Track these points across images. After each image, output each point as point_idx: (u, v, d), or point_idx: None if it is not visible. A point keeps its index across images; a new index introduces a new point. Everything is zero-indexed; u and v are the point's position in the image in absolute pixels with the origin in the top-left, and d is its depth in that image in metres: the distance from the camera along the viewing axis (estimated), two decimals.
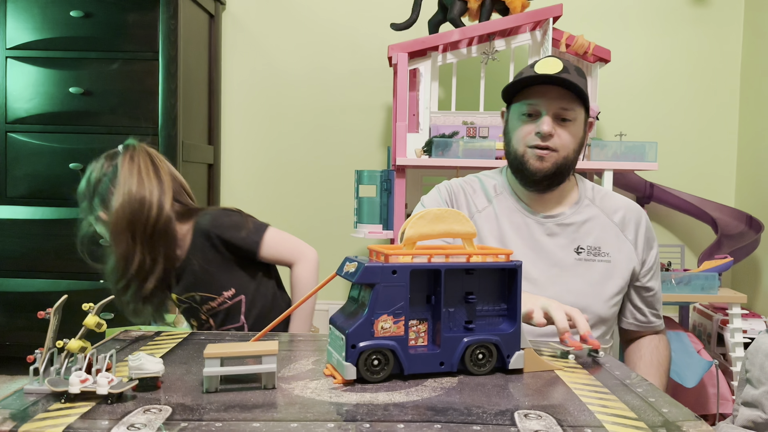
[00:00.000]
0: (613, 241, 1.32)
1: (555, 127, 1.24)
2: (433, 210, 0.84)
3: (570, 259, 1.30)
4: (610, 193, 1.40)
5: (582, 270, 1.29)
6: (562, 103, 1.23)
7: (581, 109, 1.26)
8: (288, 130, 2.66)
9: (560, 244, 1.30)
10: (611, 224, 1.33)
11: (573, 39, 2.12)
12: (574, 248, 1.30)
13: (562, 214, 1.32)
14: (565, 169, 1.27)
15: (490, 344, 0.83)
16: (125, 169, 1.28)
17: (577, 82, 1.21)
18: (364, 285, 0.82)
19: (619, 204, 1.36)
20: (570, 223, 1.31)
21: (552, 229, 1.31)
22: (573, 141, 1.26)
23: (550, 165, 1.25)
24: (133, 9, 2.20)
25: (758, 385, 1.19)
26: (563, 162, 1.26)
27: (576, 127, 1.26)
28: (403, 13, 2.34)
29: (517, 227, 1.31)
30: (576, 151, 1.28)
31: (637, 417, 0.67)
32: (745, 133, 2.51)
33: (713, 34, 2.54)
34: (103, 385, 0.68)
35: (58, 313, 0.78)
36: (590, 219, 1.32)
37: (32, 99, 2.22)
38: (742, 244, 2.21)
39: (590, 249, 1.30)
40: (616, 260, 1.30)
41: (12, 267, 2.22)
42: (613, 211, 1.34)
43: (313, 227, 2.64)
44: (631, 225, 1.33)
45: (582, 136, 1.29)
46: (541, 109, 1.24)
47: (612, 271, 1.30)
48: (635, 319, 1.37)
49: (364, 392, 0.75)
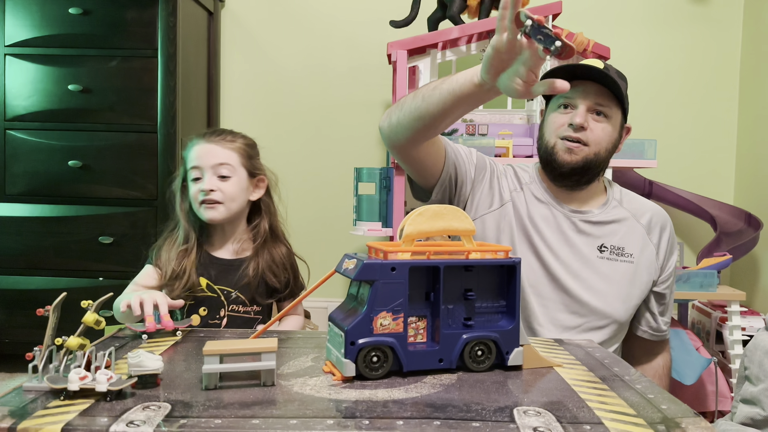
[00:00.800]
0: (638, 242, 1.31)
1: (589, 120, 1.24)
2: (432, 207, 0.84)
3: (593, 257, 1.29)
4: (638, 197, 1.40)
5: (604, 268, 1.29)
6: (599, 99, 1.24)
7: (618, 109, 1.27)
8: (287, 127, 2.65)
9: (585, 240, 1.30)
10: (638, 226, 1.33)
11: (572, 36, 2.12)
12: (597, 246, 1.30)
13: (590, 212, 1.32)
14: (594, 166, 1.27)
15: (489, 341, 0.83)
16: None
17: (617, 81, 1.23)
18: (363, 282, 0.82)
19: (647, 207, 1.36)
20: (597, 221, 1.31)
21: (578, 225, 1.31)
22: (606, 138, 1.26)
23: (579, 158, 1.25)
24: (132, 6, 2.19)
25: (757, 383, 1.19)
26: (593, 158, 1.25)
27: (611, 124, 1.26)
28: (403, 10, 2.34)
29: (544, 217, 1.31)
30: (608, 150, 1.28)
31: (636, 414, 0.68)
32: (744, 130, 2.51)
33: (713, 32, 2.54)
34: (102, 382, 0.68)
35: (57, 310, 0.78)
36: (618, 220, 1.33)
37: (31, 96, 2.21)
38: (741, 242, 2.21)
39: (614, 248, 1.30)
40: (639, 262, 1.30)
41: (11, 264, 2.22)
42: (641, 214, 1.34)
43: (313, 224, 2.63)
44: (656, 229, 1.34)
45: (616, 138, 1.29)
46: (577, 102, 1.25)
47: (634, 274, 1.30)
48: (649, 326, 1.36)
49: (363, 389, 0.75)
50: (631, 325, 1.37)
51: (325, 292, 2.54)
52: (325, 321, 1.58)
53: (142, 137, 2.19)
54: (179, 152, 2.21)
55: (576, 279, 1.27)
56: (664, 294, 1.36)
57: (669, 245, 1.35)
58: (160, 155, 2.18)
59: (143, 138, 2.19)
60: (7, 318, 2.22)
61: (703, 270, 2.04)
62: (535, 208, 1.32)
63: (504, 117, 2.21)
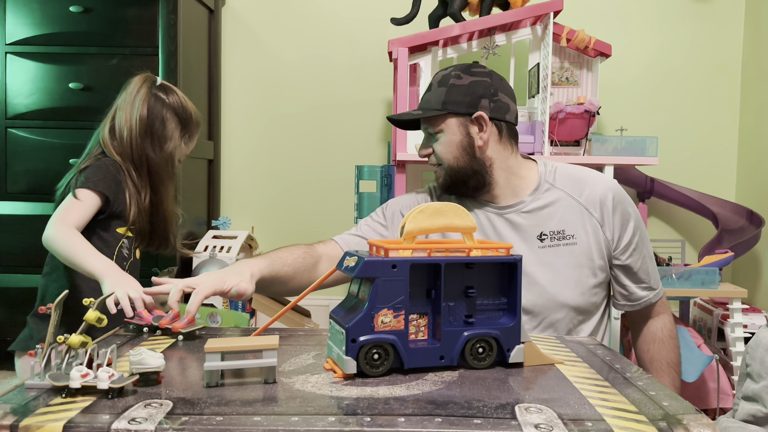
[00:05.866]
0: (577, 220, 1.27)
1: (431, 145, 1.31)
2: (433, 204, 0.84)
3: (534, 248, 1.27)
4: (578, 171, 1.34)
5: (548, 257, 1.27)
6: (424, 123, 1.32)
7: (443, 117, 1.28)
8: (288, 125, 2.65)
9: (522, 234, 1.28)
10: (575, 204, 1.29)
11: (574, 34, 2.12)
12: (536, 236, 1.28)
13: (522, 203, 1.30)
14: (461, 176, 1.29)
15: (490, 338, 0.83)
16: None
17: (431, 98, 1.28)
18: (364, 279, 0.82)
19: (586, 182, 1.30)
20: (530, 210, 1.29)
21: (513, 219, 1.29)
22: (447, 150, 1.28)
23: (442, 180, 1.32)
24: (133, 4, 2.19)
25: (758, 380, 1.19)
26: (451, 172, 1.29)
27: (446, 135, 1.28)
28: (404, 7, 2.34)
29: (479, 221, 1.31)
30: (461, 156, 1.28)
31: (637, 410, 0.68)
32: (745, 127, 2.50)
33: (714, 29, 2.53)
34: (104, 379, 0.68)
35: (58, 308, 0.78)
36: (552, 203, 1.29)
37: (32, 95, 2.21)
38: (742, 239, 2.21)
39: (553, 234, 1.27)
40: (582, 242, 1.27)
41: (12, 263, 2.22)
42: (578, 190, 1.29)
43: (314, 222, 2.64)
44: (596, 202, 1.28)
45: (461, 139, 1.27)
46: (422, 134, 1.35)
47: (579, 255, 1.27)
48: (625, 298, 1.32)
49: (364, 386, 0.75)
50: (614, 305, 1.35)
51: (326, 289, 2.54)
52: (326, 318, 1.58)
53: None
54: None
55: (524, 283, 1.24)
56: (629, 265, 1.29)
57: (618, 215, 1.28)
58: None
59: None
60: (8, 316, 2.22)
61: (705, 267, 2.04)
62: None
63: None
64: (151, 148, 1.47)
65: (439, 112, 1.27)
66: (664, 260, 2.24)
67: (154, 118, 1.46)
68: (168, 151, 1.50)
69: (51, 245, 1.32)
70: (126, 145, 1.45)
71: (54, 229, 1.32)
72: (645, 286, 1.32)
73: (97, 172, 1.40)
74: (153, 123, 1.46)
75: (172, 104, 1.49)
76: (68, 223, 1.33)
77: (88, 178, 1.39)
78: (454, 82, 1.27)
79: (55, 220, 1.34)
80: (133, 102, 1.46)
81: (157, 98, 1.48)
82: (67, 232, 1.31)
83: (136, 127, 1.44)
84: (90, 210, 1.37)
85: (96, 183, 1.38)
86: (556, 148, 2.13)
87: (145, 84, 1.49)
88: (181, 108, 1.51)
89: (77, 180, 1.39)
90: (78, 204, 1.36)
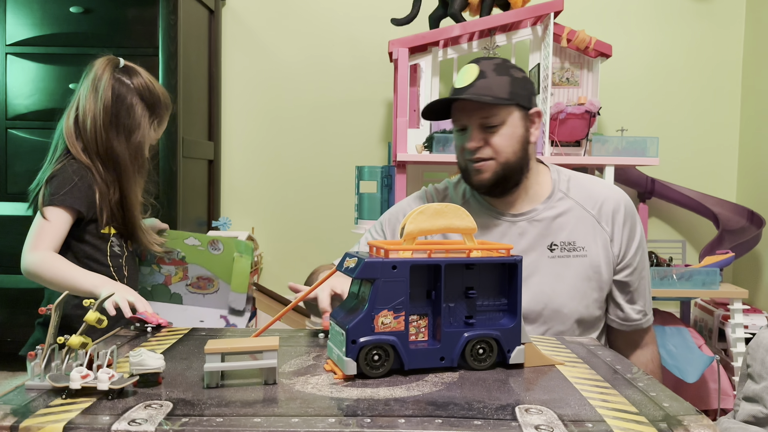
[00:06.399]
0: (588, 232, 1.27)
1: (484, 136, 1.22)
2: (433, 205, 0.84)
3: (543, 258, 1.26)
4: (591, 182, 1.33)
5: (558, 268, 1.25)
6: (482, 113, 1.21)
7: (508, 108, 1.21)
8: (288, 125, 2.65)
9: (532, 243, 1.27)
10: (587, 215, 1.27)
11: (574, 34, 2.12)
12: (547, 245, 1.26)
13: (534, 211, 1.28)
14: (510, 173, 1.23)
15: (490, 339, 0.83)
16: None
17: (493, 85, 1.18)
18: (364, 280, 0.82)
19: (598, 193, 1.29)
20: (542, 218, 1.27)
21: (524, 228, 1.28)
22: (508, 144, 1.22)
23: (489, 175, 1.23)
24: (133, 5, 2.19)
25: (759, 380, 1.19)
26: (503, 167, 1.22)
27: (508, 128, 1.22)
28: (404, 8, 2.34)
29: (487, 229, 1.29)
30: (517, 151, 1.23)
31: (638, 411, 0.67)
32: (746, 128, 2.50)
33: (715, 29, 2.53)
34: (104, 380, 0.68)
35: (59, 309, 0.78)
36: (564, 212, 1.28)
37: (32, 95, 2.21)
38: (743, 240, 2.21)
39: (564, 245, 1.26)
40: (592, 254, 1.26)
41: (13, 263, 2.21)
42: (591, 202, 1.28)
43: (314, 223, 2.63)
44: (608, 215, 1.27)
45: (522, 134, 1.23)
46: (466, 123, 1.23)
47: (588, 268, 1.26)
48: (616, 316, 1.31)
49: (364, 387, 0.75)
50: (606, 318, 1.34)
51: None
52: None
53: None
54: (181, 151, 2.21)
55: (526, 286, 1.23)
56: (627, 282, 1.28)
57: (626, 231, 1.27)
58: (161, 154, 2.17)
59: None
60: (9, 317, 2.22)
61: (706, 268, 2.04)
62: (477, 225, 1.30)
63: None
64: (118, 140, 1.37)
65: (508, 102, 1.20)
66: (665, 261, 2.24)
67: (119, 106, 1.37)
68: (137, 141, 1.40)
69: (32, 276, 1.28)
70: (91, 139, 1.36)
71: (30, 258, 1.27)
72: (639, 309, 1.31)
73: (64, 183, 1.32)
74: (119, 111, 1.37)
75: (138, 88, 1.40)
76: (43, 248, 1.27)
77: (55, 192, 1.30)
78: (514, 73, 1.23)
79: (29, 248, 1.28)
80: (95, 89, 1.37)
81: (121, 83, 1.39)
82: (45, 259, 1.26)
83: (100, 116, 1.35)
84: (62, 228, 1.31)
85: (64, 198, 1.30)
86: (557, 149, 2.13)
87: (108, 67, 1.40)
88: (148, 91, 1.42)
89: (44, 195, 1.32)
90: (48, 225, 1.29)
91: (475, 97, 1.18)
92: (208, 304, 1.63)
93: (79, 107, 1.38)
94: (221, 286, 1.60)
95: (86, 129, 1.36)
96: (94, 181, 1.35)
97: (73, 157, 1.36)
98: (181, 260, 1.57)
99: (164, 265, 1.57)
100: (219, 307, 1.63)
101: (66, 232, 1.32)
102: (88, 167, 1.36)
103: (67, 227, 1.32)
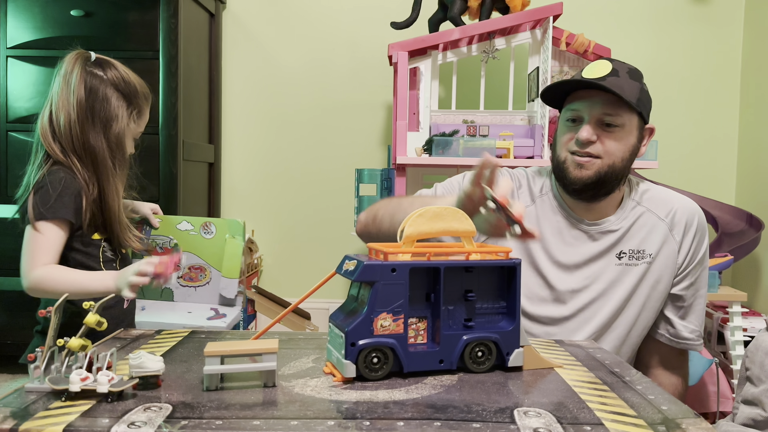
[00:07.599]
0: (658, 241, 1.25)
1: (599, 133, 1.18)
2: (432, 208, 0.85)
3: (611, 266, 1.25)
4: (665, 192, 1.31)
5: (624, 277, 1.25)
6: (606, 109, 1.16)
7: (632, 114, 1.18)
8: (288, 128, 2.66)
9: (601, 251, 1.25)
10: (661, 224, 1.26)
11: (573, 37, 2.12)
12: (616, 254, 1.25)
13: (607, 221, 1.26)
14: (610, 178, 1.19)
15: (489, 342, 0.83)
16: None
17: (625, 86, 1.14)
18: (363, 283, 0.82)
19: (674, 203, 1.28)
20: (615, 229, 1.25)
21: (595, 237, 1.26)
22: (620, 148, 1.18)
23: (591, 173, 1.18)
24: (134, 8, 2.20)
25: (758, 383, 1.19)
26: (608, 170, 1.18)
27: (624, 133, 1.18)
28: (404, 11, 2.34)
29: (558, 232, 1.26)
30: (625, 159, 1.19)
31: (636, 414, 0.68)
32: (745, 131, 2.51)
33: (714, 32, 2.54)
34: (104, 383, 0.68)
35: (59, 311, 0.78)
36: (636, 221, 1.26)
37: (33, 98, 2.22)
38: (742, 243, 2.21)
39: (632, 253, 1.25)
40: (658, 261, 1.25)
41: (13, 266, 2.21)
42: (664, 210, 1.27)
43: (313, 226, 2.64)
44: (681, 225, 1.26)
45: (634, 144, 1.20)
46: (583, 114, 1.19)
47: (652, 275, 1.25)
48: (667, 331, 1.30)
49: (363, 390, 0.75)
50: (651, 331, 1.32)
51: (326, 293, 2.54)
52: (325, 322, 1.58)
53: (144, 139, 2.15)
54: (181, 154, 2.22)
55: (591, 292, 1.24)
56: (681, 296, 1.27)
57: (695, 243, 1.26)
58: (161, 157, 2.18)
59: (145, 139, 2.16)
60: (9, 320, 2.22)
61: None
62: (547, 225, 1.26)
63: (505, 118, 2.21)
64: (95, 133, 1.33)
65: (636, 107, 1.16)
66: None
67: (93, 99, 1.32)
68: (115, 133, 1.35)
69: (39, 292, 1.26)
70: (66, 135, 1.31)
71: (32, 276, 1.26)
72: (692, 329, 1.29)
73: (51, 192, 1.28)
74: (93, 104, 1.32)
75: (111, 79, 1.35)
76: (43, 263, 1.26)
77: (44, 204, 1.27)
78: (643, 84, 1.20)
79: (28, 267, 1.27)
80: (67, 84, 1.33)
81: (93, 75, 1.34)
82: (47, 273, 1.26)
83: (74, 111, 1.31)
84: (57, 242, 1.28)
85: (54, 211, 1.27)
86: None
87: (78, 61, 1.36)
88: (123, 81, 1.36)
89: (33, 207, 1.28)
90: (42, 239, 1.27)
91: (616, 88, 1.13)
92: (199, 299, 1.63)
93: (52, 105, 1.34)
94: (213, 275, 1.60)
95: (60, 125, 1.31)
96: (80, 185, 1.32)
97: (54, 162, 1.32)
98: (173, 248, 1.58)
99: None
100: (210, 301, 1.63)
101: (62, 244, 1.29)
102: (69, 168, 1.32)
103: (63, 239, 1.29)
